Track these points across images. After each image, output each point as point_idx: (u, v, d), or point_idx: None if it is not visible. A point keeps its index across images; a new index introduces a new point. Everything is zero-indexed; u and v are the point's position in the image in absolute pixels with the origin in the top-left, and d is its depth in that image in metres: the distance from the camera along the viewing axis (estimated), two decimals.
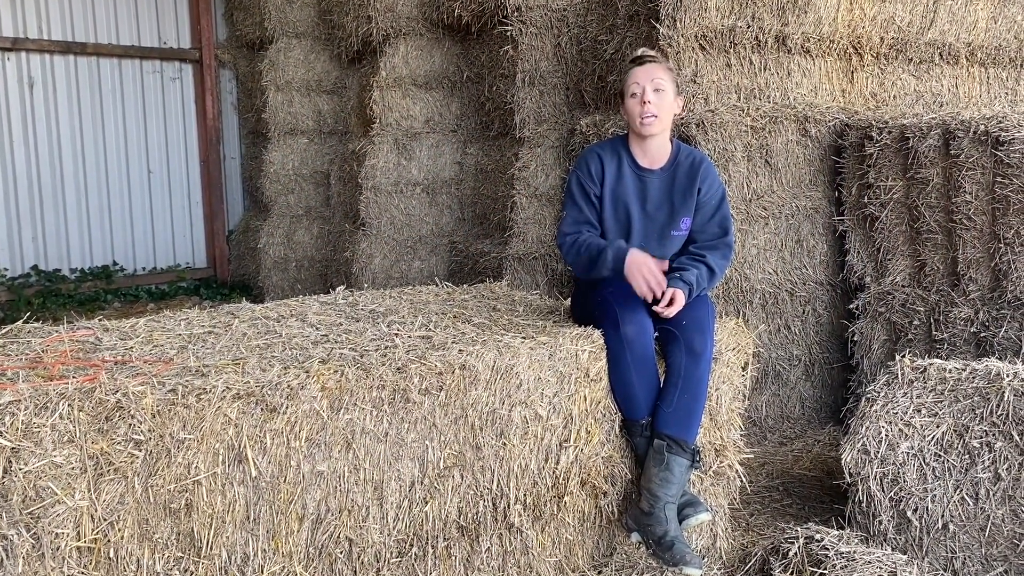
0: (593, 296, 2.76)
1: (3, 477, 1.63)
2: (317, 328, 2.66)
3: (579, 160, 2.88)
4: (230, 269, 8.22)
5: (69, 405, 1.72)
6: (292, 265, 7.47)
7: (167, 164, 7.94)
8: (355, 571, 2.15)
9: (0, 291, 6.99)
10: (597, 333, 2.61)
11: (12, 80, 7.07)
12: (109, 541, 1.77)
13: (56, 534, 1.68)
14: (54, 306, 6.85)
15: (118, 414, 1.77)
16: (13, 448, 1.64)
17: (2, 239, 7.12)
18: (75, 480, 1.71)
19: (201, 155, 8.09)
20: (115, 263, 7.69)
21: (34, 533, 1.66)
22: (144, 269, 7.88)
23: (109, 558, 1.77)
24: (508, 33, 5.30)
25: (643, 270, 2.57)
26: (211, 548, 1.91)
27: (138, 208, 7.82)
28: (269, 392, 1.97)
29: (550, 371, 2.47)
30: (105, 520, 1.76)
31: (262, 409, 1.96)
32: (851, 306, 4.25)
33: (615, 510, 2.67)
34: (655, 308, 2.57)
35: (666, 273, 2.74)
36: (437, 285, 3.49)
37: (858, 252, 4.20)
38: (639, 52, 2.82)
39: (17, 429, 1.66)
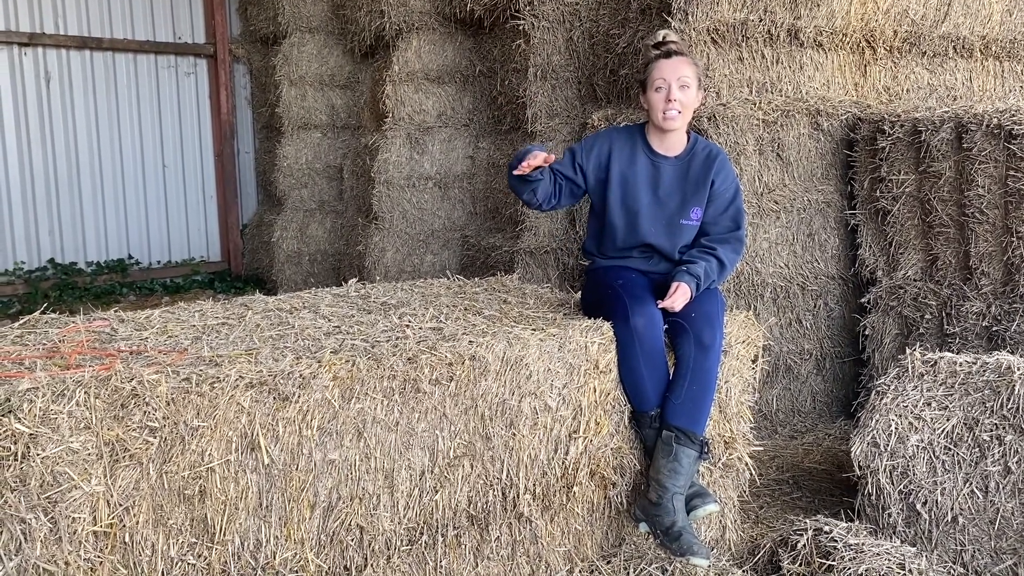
0: (603, 288, 2.77)
1: (21, 462, 1.66)
2: (329, 320, 2.69)
3: (593, 135, 2.91)
4: (244, 263, 8.28)
5: (85, 392, 1.75)
6: (305, 259, 7.52)
7: (182, 158, 8.01)
8: (366, 558, 2.17)
9: (17, 284, 7.08)
10: (607, 325, 2.62)
11: (29, 75, 7.14)
12: (124, 526, 1.80)
13: (73, 518, 1.71)
14: (70, 299, 6.93)
15: (133, 401, 1.80)
16: (31, 434, 1.68)
17: (19, 232, 7.20)
18: (91, 466, 1.74)
19: (215, 149, 8.15)
20: (130, 256, 7.76)
21: (51, 517, 1.69)
22: (159, 262, 7.95)
23: (124, 543, 1.81)
24: (520, 27, 5.30)
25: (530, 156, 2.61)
26: (224, 534, 1.94)
27: (153, 202, 7.88)
28: (281, 381, 2.00)
29: (559, 363, 2.49)
30: (120, 505, 1.79)
31: (275, 398, 1.99)
32: (863, 300, 4.24)
33: (624, 501, 2.69)
34: (660, 304, 2.59)
35: (676, 264, 2.76)
36: (448, 278, 3.51)
37: (870, 246, 4.19)
38: (661, 36, 2.79)
39: (35, 416, 1.69)
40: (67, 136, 7.36)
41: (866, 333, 4.21)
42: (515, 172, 2.67)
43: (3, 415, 1.68)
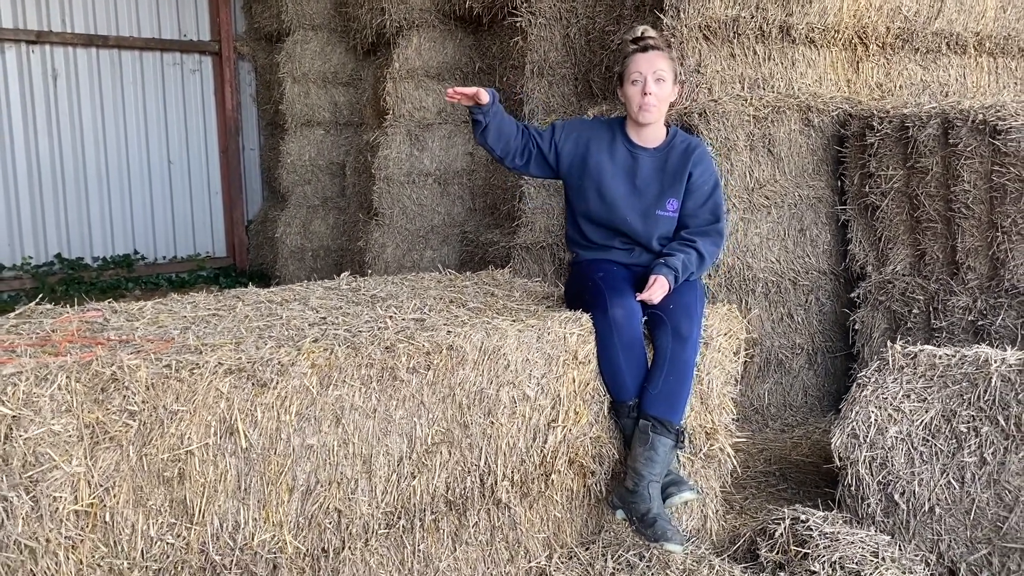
0: (584, 281, 2.82)
1: (4, 443, 1.73)
2: (317, 311, 2.74)
3: (577, 120, 2.98)
4: (248, 258, 8.37)
5: (67, 377, 1.82)
6: (308, 254, 7.60)
7: (187, 155, 8.10)
8: (344, 541, 2.23)
9: (25, 278, 7.18)
10: (586, 317, 2.67)
11: (36, 72, 7.24)
12: (105, 506, 1.86)
13: (54, 497, 1.78)
14: (76, 293, 7.02)
15: (113, 386, 1.86)
16: (14, 416, 1.74)
17: (27, 228, 7.30)
18: (72, 447, 1.80)
19: (220, 146, 8.23)
20: (136, 252, 7.86)
21: (33, 496, 1.76)
22: (165, 258, 8.04)
23: (105, 522, 1.87)
24: (518, 24, 5.36)
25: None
26: (203, 516, 2.00)
27: (159, 198, 7.98)
28: (260, 368, 2.06)
29: (538, 353, 2.54)
30: (101, 486, 1.85)
31: (253, 384, 2.05)
32: (853, 295, 4.27)
33: (603, 489, 2.73)
34: (639, 296, 2.64)
35: (657, 256, 2.81)
36: (441, 272, 3.56)
37: (860, 241, 4.22)
38: (640, 31, 2.84)
39: (18, 398, 1.76)
40: (74, 133, 7.46)
41: (856, 327, 4.24)
42: (447, 98, 2.77)
43: None
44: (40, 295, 3.36)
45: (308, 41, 7.43)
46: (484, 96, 2.73)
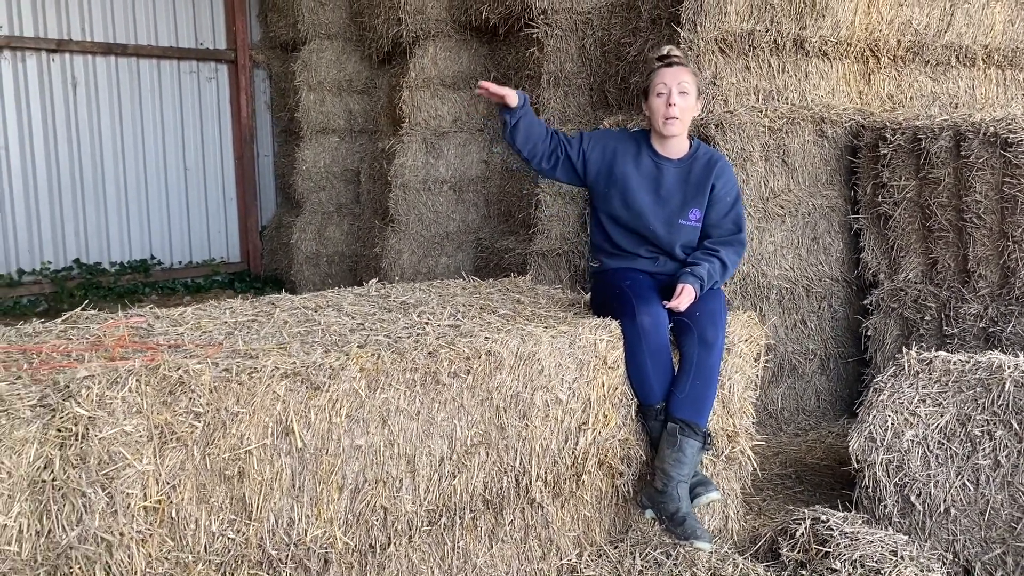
0: (612, 289, 2.93)
1: (81, 442, 1.84)
2: (353, 317, 2.85)
3: (603, 131, 3.08)
4: (263, 263, 8.47)
5: (137, 380, 1.92)
6: (323, 260, 7.71)
7: (203, 161, 8.21)
8: (389, 537, 2.33)
9: (44, 283, 7.29)
10: (615, 323, 2.77)
11: (57, 80, 7.36)
12: (172, 502, 1.97)
13: (127, 494, 1.88)
14: (95, 298, 7.13)
15: (180, 389, 1.96)
16: (90, 416, 1.85)
17: (46, 233, 7.41)
18: (143, 447, 1.91)
19: (236, 153, 8.34)
20: (153, 257, 7.96)
21: (108, 492, 1.86)
22: (180, 263, 8.15)
23: (171, 517, 1.97)
24: (534, 35, 5.47)
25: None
26: (260, 512, 2.10)
27: (175, 204, 8.09)
28: (313, 372, 2.16)
29: (570, 358, 2.64)
30: (168, 483, 1.96)
31: (307, 387, 2.15)
32: (865, 302, 4.38)
33: (631, 489, 2.84)
34: (667, 304, 2.74)
35: (681, 264, 2.92)
36: (464, 279, 3.66)
37: (872, 249, 4.33)
38: (666, 50, 2.97)
39: (92, 400, 1.86)
40: (93, 140, 7.58)
41: (868, 334, 4.34)
42: (477, 91, 2.89)
43: (65, 399, 1.85)
44: (68, 303, 3.46)
45: (324, 50, 7.54)
46: (512, 99, 2.84)
